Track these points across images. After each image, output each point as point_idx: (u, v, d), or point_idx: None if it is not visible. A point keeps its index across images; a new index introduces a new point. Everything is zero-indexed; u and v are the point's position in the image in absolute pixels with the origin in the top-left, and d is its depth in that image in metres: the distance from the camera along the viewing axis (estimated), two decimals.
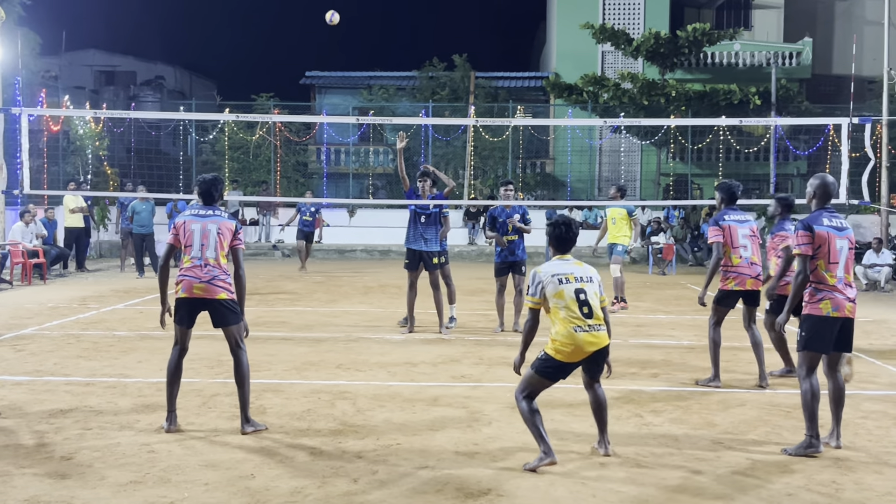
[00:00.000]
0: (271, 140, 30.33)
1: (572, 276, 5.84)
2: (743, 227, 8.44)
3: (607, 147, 33.22)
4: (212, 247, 6.52)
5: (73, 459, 5.83)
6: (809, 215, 6.35)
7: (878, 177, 22.80)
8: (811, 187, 6.46)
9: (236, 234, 6.67)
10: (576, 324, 5.73)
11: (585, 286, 5.83)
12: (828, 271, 6.21)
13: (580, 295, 5.78)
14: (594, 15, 34.28)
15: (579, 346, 5.73)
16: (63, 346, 10.12)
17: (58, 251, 19.17)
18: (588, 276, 5.91)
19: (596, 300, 5.86)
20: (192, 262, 6.52)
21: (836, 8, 39.19)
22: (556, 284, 5.79)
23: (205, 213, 6.63)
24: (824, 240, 6.19)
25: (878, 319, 13.85)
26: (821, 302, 6.21)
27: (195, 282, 6.48)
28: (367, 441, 6.33)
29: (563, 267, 5.90)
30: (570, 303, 5.75)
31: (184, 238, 6.58)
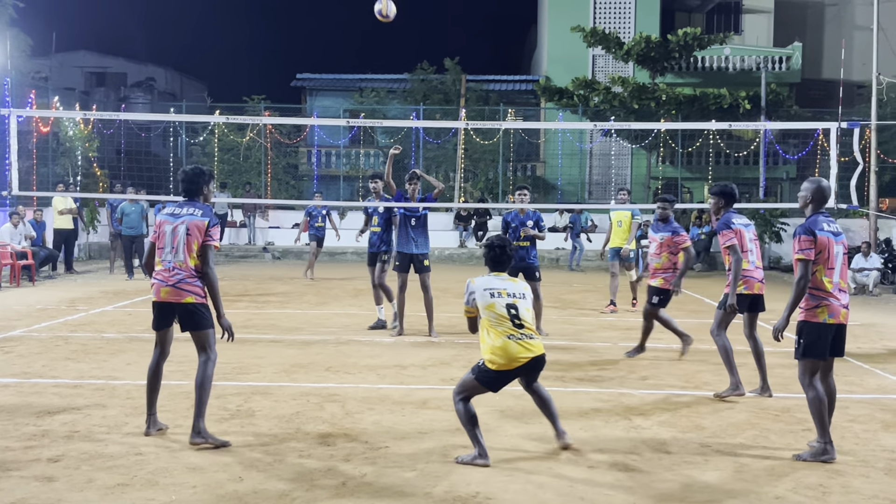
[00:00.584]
0: (261, 142, 30.28)
1: (505, 292, 6.06)
2: (748, 231, 8.43)
3: (597, 150, 33.27)
4: (180, 249, 6.32)
5: (61, 462, 5.82)
6: (809, 219, 6.33)
7: (867, 181, 22.91)
8: (807, 191, 6.42)
9: (207, 232, 6.37)
10: (509, 332, 5.93)
11: (518, 302, 6.04)
12: (826, 277, 6.21)
13: (511, 310, 5.98)
14: (585, 18, 34.33)
15: (513, 355, 5.91)
16: (51, 348, 10.08)
17: (46, 253, 19.10)
18: (521, 292, 6.13)
19: (528, 315, 6.06)
20: (162, 265, 6.37)
21: (825, 13, 39.34)
22: (487, 298, 6.02)
23: (178, 213, 6.42)
24: (825, 245, 6.19)
25: (866, 323, 13.91)
26: (817, 309, 6.20)
27: (162, 285, 6.34)
28: (356, 444, 6.33)
29: (496, 282, 6.14)
30: (501, 315, 5.97)
31: (159, 239, 6.43)
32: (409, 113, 31.14)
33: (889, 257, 20.40)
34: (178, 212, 6.43)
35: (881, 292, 18.61)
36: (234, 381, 8.39)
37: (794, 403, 7.90)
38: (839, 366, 9.85)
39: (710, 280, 21.82)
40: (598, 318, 13.77)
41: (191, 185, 6.55)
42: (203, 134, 29.87)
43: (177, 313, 6.43)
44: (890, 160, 27.58)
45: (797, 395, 8.21)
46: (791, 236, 21.43)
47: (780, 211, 24.94)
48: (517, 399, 7.76)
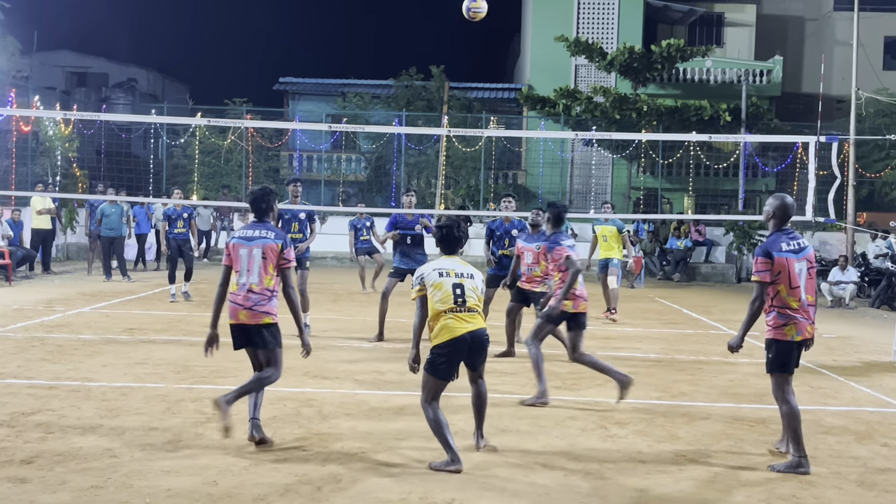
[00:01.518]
0: (243, 145, 30.19)
1: (453, 272, 6.24)
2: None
3: (579, 160, 33.38)
4: (255, 272, 6.45)
5: (34, 463, 5.78)
6: (769, 239, 6.44)
7: (845, 195, 23.10)
8: (770, 207, 6.53)
9: (282, 255, 6.53)
10: (449, 308, 6.11)
11: (464, 281, 6.22)
12: (790, 296, 6.32)
13: (457, 289, 6.16)
14: (568, 28, 34.47)
15: (452, 329, 6.08)
16: (27, 349, 10.01)
17: (24, 252, 18.97)
18: (469, 273, 6.29)
19: (473, 294, 6.22)
20: (238, 288, 6.48)
21: (806, 28, 39.70)
22: (436, 277, 6.20)
23: (252, 236, 6.53)
24: (783, 266, 6.29)
25: (841, 336, 14.02)
26: (785, 327, 6.34)
27: (241, 308, 6.45)
28: (332, 449, 6.32)
29: (446, 264, 6.32)
30: (446, 294, 6.14)
31: (235, 262, 6.53)
32: (391, 119, 31.13)
33: (865, 271, 20.57)
34: (252, 234, 6.54)
35: (857, 305, 18.77)
36: (211, 385, 8.36)
37: (770, 415, 7.94)
38: (813, 377, 9.96)
39: (688, 290, 21.94)
40: None
41: (261, 206, 6.64)
42: (184, 136, 29.74)
43: (252, 333, 6.52)
44: (868, 174, 27.85)
45: (773, 407, 8.27)
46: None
47: (759, 223, 25.08)
48: (493, 407, 7.78)
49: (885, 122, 28.68)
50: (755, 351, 11.88)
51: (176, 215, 15.46)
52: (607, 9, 35.44)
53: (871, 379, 10.07)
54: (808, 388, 9.37)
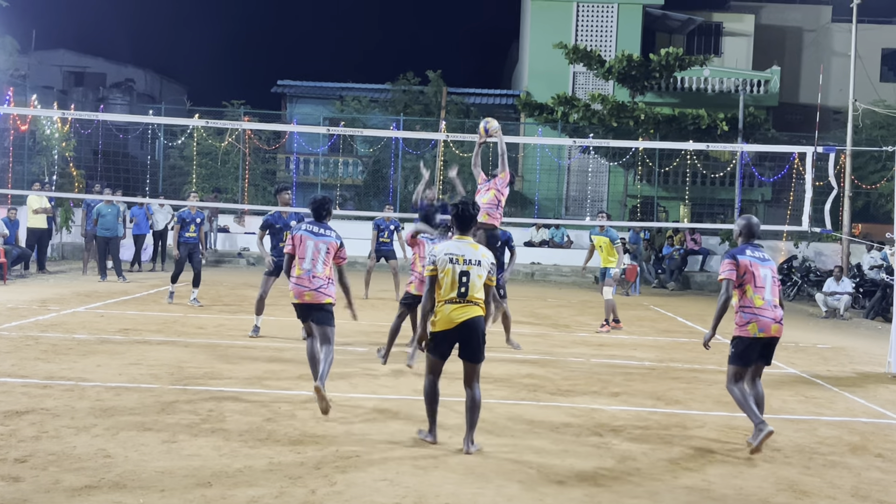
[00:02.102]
0: (240, 147, 30.18)
1: (462, 259, 6.62)
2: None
3: (576, 167, 33.42)
4: (319, 262, 7.74)
5: (28, 462, 5.76)
6: (735, 248, 7.33)
7: (841, 206, 23.14)
8: (738, 227, 7.50)
9: (338, 253, 7.91)
10: (449, 298, 6.55)
11: (471, 269, 6.61)
12: (756, 294, 7.09)
13: (463, 277, 6.57)
14: (567, 35, 34.53)
15: (448, 316, 6.54)
16: (21, 348, 9.99)
17: (19, 251, 18.91)
18: (477, 259, 6.66)
19: (479, 281, 6.62)
20: (302, 272, 7.72)
21: (804, 38, 39.81)
22: (446, 262, 6.62)
23: (318, 231, 7.86)
24: (747, 267, 7.11)
25: (836, 347, 14.04)
26: (748, 325, 7.08)
27: (305, 290, 7.68)
28: (327, 452, 6.31)
29: (458, 248, 6.69)
30: (452, 281, 6.56)
31: (299, 250, 7.77)
32: (389, 123, 31.16)
33: (860, 282, 20.61)
34: (317, 230, 7.89)
35: (851, 316, 18.80)
36: (205, 386, 8.34)
37: None
38: (808, 388, 9.98)
39: (683, 299, 21.96)
40: (571, 334, 13.81)
41: (321, 210, 8.02)
42: (182, 137, 29.72)
43: (314, 311, 7.74)
44: (864, 186, 27.91)
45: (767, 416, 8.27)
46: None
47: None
48: (488, 411, 7.78)
49: (882, 133, 28.76)
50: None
51: (190, 219, 15.12)
52: (606, 17, 35.51)
53: (865, 390, 10.09)
54: (803, 397, 9.38)
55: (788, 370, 11.25)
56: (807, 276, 23.09)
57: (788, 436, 7.55)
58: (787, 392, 9.67)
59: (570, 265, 26.35)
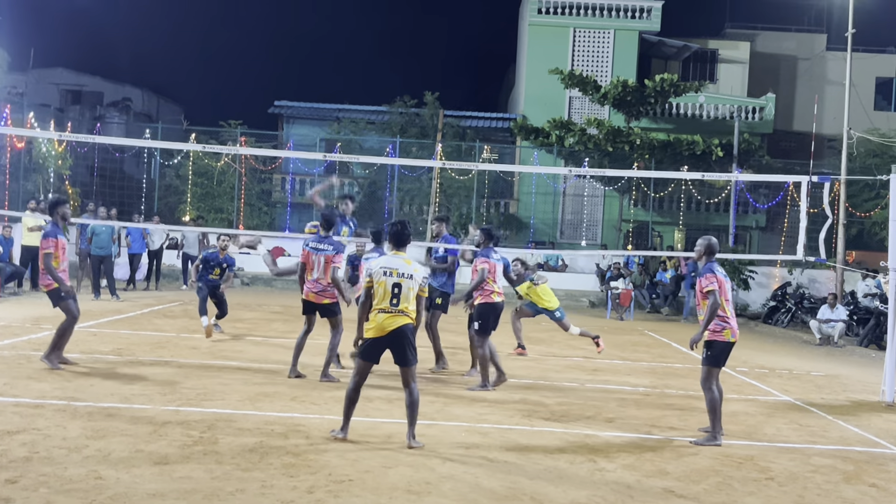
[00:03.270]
0: (236, 167, 30.21)
1: (396, 272, 7.36)
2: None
3: (571, 191, 33.52)
4: (321, 270, 10.20)
5: (18, 483, 5.72)
6: (709, 264, 8.38)
7: (835, 234, 23.21)
8: (700, 246, 8.54)
9: (333, 260, 10.20)
10: (382, 307, 7.29)
11: (402, 281, 7.33)
12: (726, 305, 8.26)
13: (395, 289, 7.29)
14: (563, 61, 34.69)
15: (381, 324, 7.28)
16: (13, 367, 9.94)
17: (13, 269, 18.86)
18: (410, 273, 7.38)
19: (410, 294, 7.34)
20: (312, 278, 10.23)
21: (798, 66, 40.05)
22: (381, 275, 7.37)
23: (319, 248, 10.23)
24: (722, 282, 8.25)
25: (830, 374, 14.03)
26: (724, 331, 8.26)
27: (311, 291, 10.27)
28: (319, 476, 6.28)
29: (393, 262, 7.45)
30: (385, 292, 7.30)
31: (309, 261, 10.24)
32: (385, 145, 31.23)
33: (854, 309, 20.63)
34: (319, 246, 10.25)
35: (845, 344, 18.80)
36: (197, 408, 8.30)
37: (758, 452, 7.95)
38: (802, 415, 9.97)
39: (677, 324, 21.96)
40: (564, 359, 13.78)
41: (328, 224, 10.45)
42: (178, 157, 29.76)
43: (318, 308, 10.32)
44: (858, 213, 28.01)
45: (761, 444, 8.28)
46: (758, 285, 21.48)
47: (749, 259, 25.19)
48: (482, 436, 7.76)
49: (876, 161, 28.88)
50: (744, 387, 11.91)
51: (215, 262, 14.07)
52: (602, 43, 35.71)
53: (859, 418, 10.08)
54: (797, 425, 9.37)
55: (782, 397, 11.24)
56: (801, 303, 23.11)
57: (783, 464, 7.53)
58: (781, 420, 9.66)
59: (565, 289, 26.34)
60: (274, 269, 12.88)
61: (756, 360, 15.35)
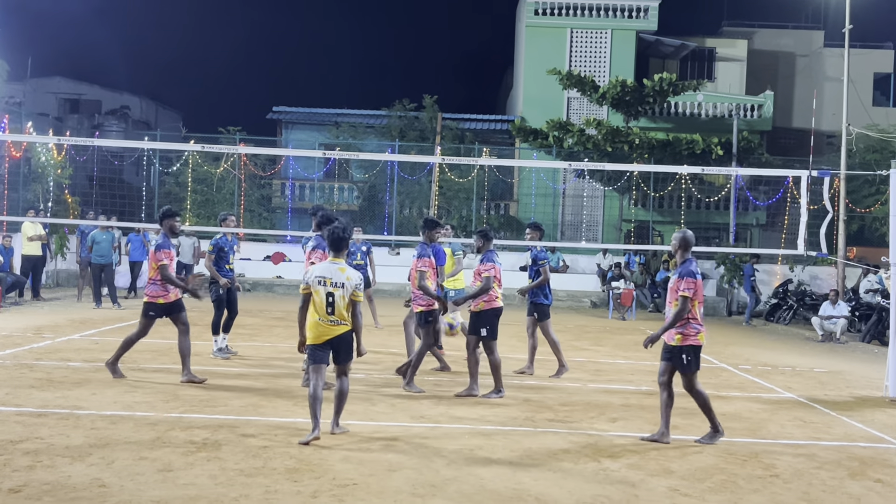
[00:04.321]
0: (236, 173, 30.21)
1: (329, 281, 7.51)
2: None
3: (570, 191, 33.51)
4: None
5: (22, 492, 5.71)
6: (687, 264, 8.14)
7: (836, 230, 23.19)
8: (676, 241, 8.33)
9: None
10: (320, 315, 7.51)
11: (335, 291, 7.50)
12: (699, 309, 8.08)
13: (329, 298, 7.49)
14: (561, 61, 34.70)
15: (319, 332, 7.54)
16: (16, 376, 9.93)
17: (13, 279, 18.88)
18: (342, 282, 7.53)
19: (342, 302, 7.51)
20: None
21: (797, 63, 40.05)
22: (315, 284, 7.52)
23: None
24: (700, 286, 8.08)
25: (833, 370, 14.02)
26: (698, 335, 8.07)
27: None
28: (323, 480, 6.27)
29: (328, 271, 7.58)
30: (321, 301, 7.49)
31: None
32: (384, 149, 31.23)
33: (856, 305, 20.61)
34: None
35: (848, 340, 18.78)
36: (200, 414, 8.30)
37: (763, 449, 7.93)
38: (806, 412, 9.96)
39: None
40: (567, 359, 13.73)
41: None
42: (177, 164, 29.75)
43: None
44: (858, 209, 27.99)
45: (765, 441, 8.27)
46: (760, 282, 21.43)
47: (749, 256, 25.16)
48: (486, 438, 7.75)
49: (875, 157, 28.87)
50: (747, 384, 11.90)
51: (228, 247, 12.75)
52: (600, 43, 35.71)
53: (863, 414, 10.06)
54: (801, 422, 9.35)
55: (786, 395, 11.23)
56: (802, 299, 23.10)
57: (787, 461, 7.51)
58: (785, 416, 9.64)
59: (566, 290, 26.37)
60: None
61: (759, 357, 15.33)
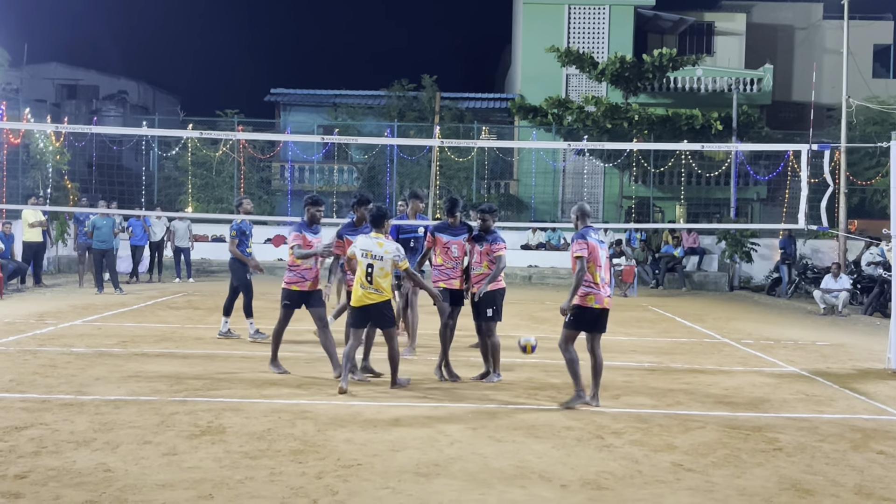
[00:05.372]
0: (235, 157, 30.15)
1: (370, 254, 8.62)
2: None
3: (571, 169, 33.44)
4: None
5: (28, 478, 5.73)
6: (584, 229, 8.47)
7: (837, 203, 23.16)
8: (574, 214, 8.70)
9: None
10: (361, 282, 8.66)
11: (375, 262, 8.59)
12: (597, 272, 8.31)
13: (369, 269, 8.58)
14: (559, 38, 34.54)
15: (358, 297, 8.68)
16: (19, 363, 9.95)
17: (15, 266, 18.88)
18: (380, 255, 8.60)
19: (381, 273, 8.59)
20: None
21: (796, 36, 39.87)
22: (359, 255, 8.69)
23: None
24: (594, 248, 8.33)
25: (835, 343, 14.03)
26: (588, 296, 8.30)
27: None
28: (328, 461, 6.29)
29: (369, 244, 8.68)
30: (362, 271, 8.62)
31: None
32: (383, 129, 31.16)
33: (858, 278, 20.60)
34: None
35: (850, 313, 18.78)
36: (204, 398, 8.31)
37: (766, 423, 7.95)
38: (808, 385, 9.97)
39: (681, 299, 21.96)
40: None
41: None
42: (175, 148, 29.69)
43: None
44: (859, 182, 27.94)
45: (768, 415, 8.29)
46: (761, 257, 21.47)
47: (751, 231, 25.15)
48: (490, 417, 7.77)
49: (876, 129, 28.79)
50: (749, 359, 11.92)
51: (249, 231, 12.74)
52: (598, 19, 35.55)
53: (865, 386, 10.08)
54: (804, 396, 9.37)
55: (788, 368, 11.25)
56: (804, 273, 23.10)
57: (790, 434, 7.53)
58: (787, 390, 9.66)
59: (567, 267, 26.32)
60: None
61: (761, 331, 15.35)
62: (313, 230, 9.86)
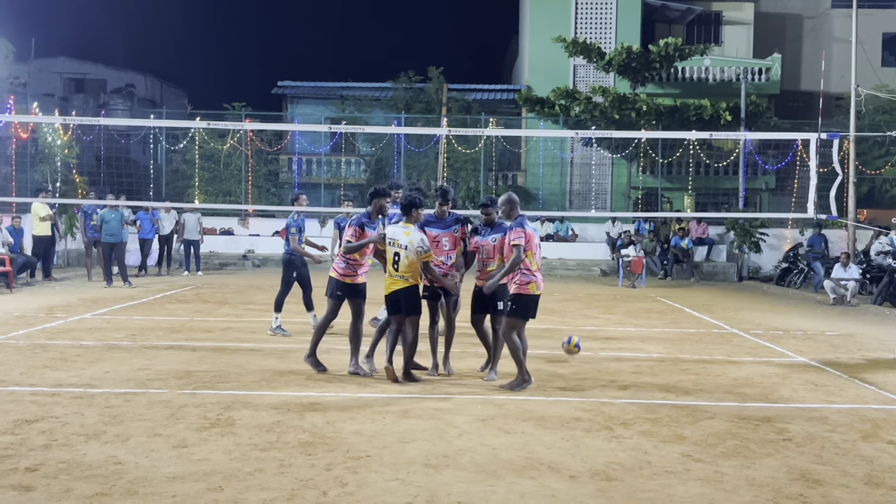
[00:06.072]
0: (242, 149, 30.17)
1: (397, 243, 8.71)
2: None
3: (578, 160, 33.38)
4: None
5: (39, 471, 5.76)
6: (519, 218, 8.71)
7: (846, 192, 23.08)
8: (503, 204, 8.90)
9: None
10: (389, 271, 8.85)
11: (401, 251, 8.67)
12: (533, 260, 8.58)
13: (395, 256, 8.70)
14: (566, 29, 34.47)
15: (387, 284, 8.84)
16: (29, 356, 9.99)
17: (24, 259, 18.94)
18: (405, 244, 8.65)
19: (406, 261, 8.65)
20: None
21: (804, 25, 39.69)
22: (388, 244, 8.81)
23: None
24: (531, 237, 8.57)
25: (845, 333, 14.00)
26: (529, 284, 8.53)
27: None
28: (337, 453, 6.30)
29: (396, 233, 8.77)
30: (390, 259, 8.79)
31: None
32: (390, 121, 31.14)
33: (867, 268, 20.54)
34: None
35: (859, 302, 18.73)
36: (213, 390, 8.34)
37: (775, 413, 7.93)
38: (817, 375, 9.95)
39: (690, 289, 21.92)
40: (577, 328, 13.77)
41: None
42: (183, 141, 29.73)
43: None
44: (868, 171, 27.83)
45: (778, 406, 8.27)
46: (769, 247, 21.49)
47: (760, 221, 25.09)
48: (498, 408, 7.77)
49: (885, 118, 28.66)
50: (759, 349, 11.90)
51: (303, 226, 12.64)
52: (605, 9, 35.44)
53: (875, 376, 10.05)
54: (813, 386, 9.35)
55: (798, 358, 11.22)
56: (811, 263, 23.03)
57: (800, 425, 7.51)
58: (796, 381, 9.64)
59: (576, 259, 26.41)
60: None
61: (770, 321, 15.32)
62: (373, 225, 9.27)
